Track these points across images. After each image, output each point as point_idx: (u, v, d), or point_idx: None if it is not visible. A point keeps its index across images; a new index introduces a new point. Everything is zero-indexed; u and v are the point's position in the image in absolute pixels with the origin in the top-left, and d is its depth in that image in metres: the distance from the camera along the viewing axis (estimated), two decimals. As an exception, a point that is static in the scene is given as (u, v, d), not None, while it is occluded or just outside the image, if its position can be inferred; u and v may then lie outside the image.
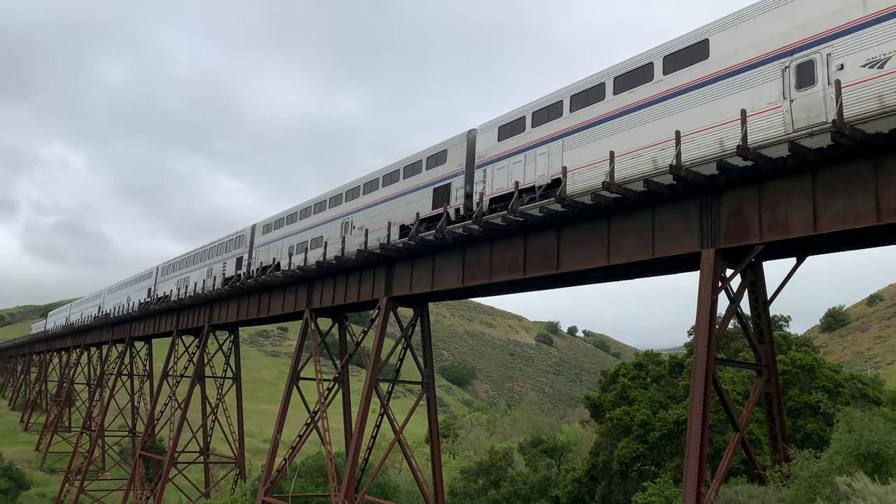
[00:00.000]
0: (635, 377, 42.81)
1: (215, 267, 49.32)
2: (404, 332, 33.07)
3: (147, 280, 64.83)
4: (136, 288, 67.41)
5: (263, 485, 36.51)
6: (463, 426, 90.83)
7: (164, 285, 59.27)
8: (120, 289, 74.20)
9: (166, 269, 59.84)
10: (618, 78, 21.27)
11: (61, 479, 71.87)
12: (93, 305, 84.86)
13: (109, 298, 76.87)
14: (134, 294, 67.35)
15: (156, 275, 62.47)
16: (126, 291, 70.60)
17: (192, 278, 52.70)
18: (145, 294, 63.75)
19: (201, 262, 52.31)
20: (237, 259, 47.02)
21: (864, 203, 16.40)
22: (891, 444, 17.72)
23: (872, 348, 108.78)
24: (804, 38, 16.66)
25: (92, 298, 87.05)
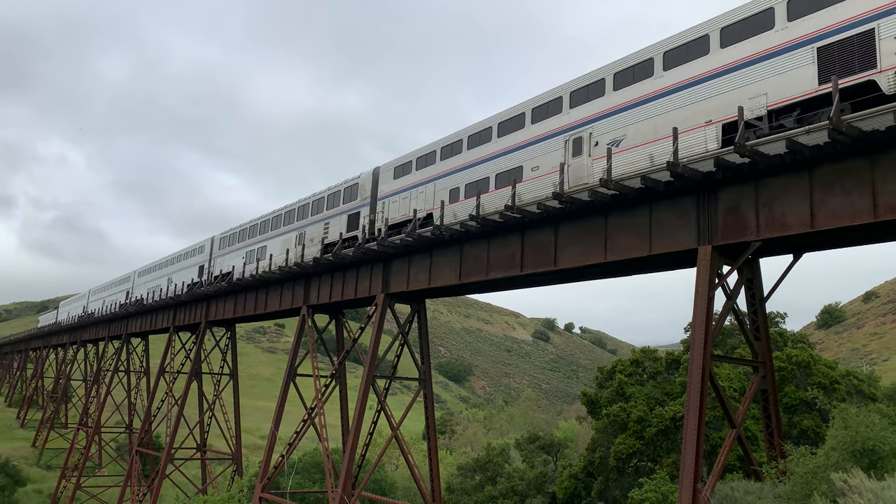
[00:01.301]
0: (632, 374, 42.89)
1: (312, 229, 37.68)
2: (401, 329, 33.07)
3: (198, 255, 53.05)
4: (182, 267, 55.85)
5: (261, 481, 36.52)
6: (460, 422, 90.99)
7: (225, 260, 47.88)
8: (156, 269, 62.44)
9: (228, 240, 48.42)
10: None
11: (58, 476, 71.79)
12: (118, 292, 73.24)
13: (141, 282, 65.68)
14: (179, 274, 55.47)
15: (211, 248, 51.11)
16: (166, 272, 58.99)
17: (273, 248, 41.20)
18: (195, 273, 52.38)
19: (288, 224, 40.52)
20: (350, 216, 34.69)
21: (861, 200, 16.44)
22: (886, 440, 17.77)
23: (868, 345, 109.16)
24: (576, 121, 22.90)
25: (117, 283, 75.33)
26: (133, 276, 67.33)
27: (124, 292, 68.82)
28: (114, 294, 73.73)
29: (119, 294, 70.93)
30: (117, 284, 73.76)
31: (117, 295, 71.49)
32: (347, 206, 35.07)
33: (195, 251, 52.66)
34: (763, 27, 18.11)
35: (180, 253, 55.81)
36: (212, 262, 49.20)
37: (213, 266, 48.63)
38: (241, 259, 44.10)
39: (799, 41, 17.22)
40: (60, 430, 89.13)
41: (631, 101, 21.03)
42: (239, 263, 44.43)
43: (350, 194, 35.20)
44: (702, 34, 19.55)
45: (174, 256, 56.63)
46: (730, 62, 18.74)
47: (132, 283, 66.90)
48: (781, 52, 17.60)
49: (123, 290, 69.38)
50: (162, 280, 58.63)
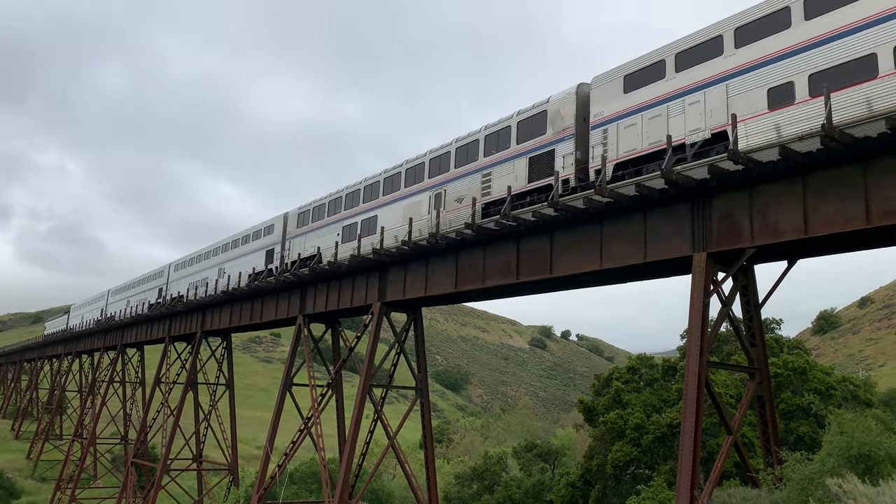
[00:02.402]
0: (629, 381, 42.90)
1: (459, 185, 27.62)
2: (398, 337, 33.05)
3: (266, 238, 42.92)
4: (240, 254, 45.61)
5: (257, 491, 36.36)
6: (457, 431, 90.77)
7: (306, 241, 38.04)
8: (201, 259, 52.33)
9: (311, 215, 38.25)
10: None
11: (53, 488, 71.34)
12: (147, 290, 62.91)
13: (179, 277, 55.89)
14: (235, 263, 45.71)
15: (284, 227, 40.88)
16: (215, 262, 49.21)
17: (389, 217, 31.22)
18: (261, 260, 42.34)
19: (415, 182, 30.35)
20: (533, 158, 24.48)
21: (854, 206, 16.54)
22: (881, 445, 17.82)
23: (864, 350, 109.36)
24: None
25: (146, 280, 64.56)
26: (167, 270, 59.37)
27: (156, 290, 60.54)
28: (141, 293, 64.01)
29: (149, 293, 61.92)
30: (146, 281, 64.40)
31: (147, 293, 62.27)
32: (527, 146, 24.41)
33: (260, 233, 43.81)
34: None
35: (237, 236, 47.03)
36: (286, 245, 40.31)
37: (288, 248, 39.90)
38: (335, 236, 35.19)
39: None
40: (55, 442, 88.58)
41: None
42: (328, 242, 35.22)
43: (532, 127, 24.54)
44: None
45: (228, 241, 48.36)
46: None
47: (166, 279, 58.90)
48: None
49: (154, 288, 60.97)
50: (209, 272, 49.11)
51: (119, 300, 72.33)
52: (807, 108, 16.65)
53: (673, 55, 20.30)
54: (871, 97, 15.52)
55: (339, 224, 35.26)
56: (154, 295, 60.26)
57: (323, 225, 36.97)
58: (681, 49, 20.14)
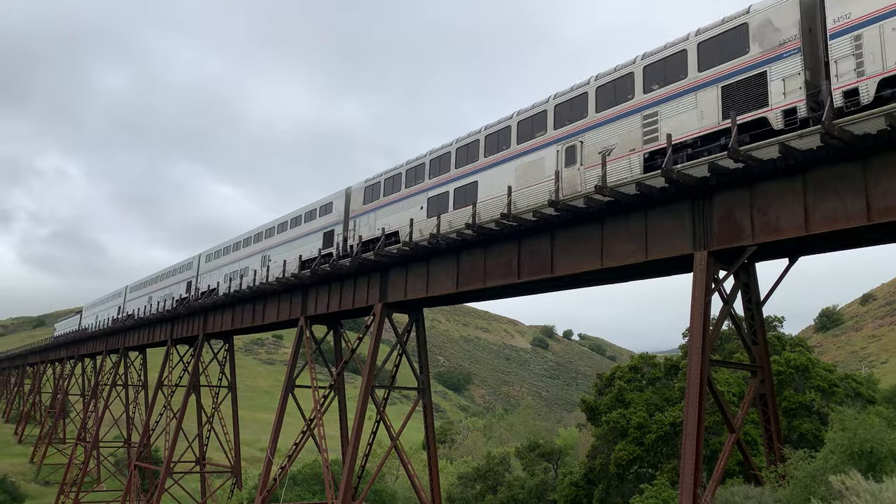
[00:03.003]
0: (631, 380, 42.91)
1: (607, 131, 21.70)
2: (399, 338, 33.07)
3: (321, 219, 36.69)
4: (289, 238, 39.37)
5: (260, 493, 36.39)
6: (459, 431, 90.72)
7: (377, 218, 32.14)
8: (238, 248, 46.13)
9: (380, 189, 32.36)
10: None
11: (56, 491, 71.44)
12: (173, 285, 56.94)
13: (212, 268, 49.94)
14: (283, 251, 39.49)
15: (345, 206, 34.76)
16: (256, 250, 43.54)
17: (493, 184, 25.45)
18: (317, 246, 36.31)
19: (563, 122, 23.36)
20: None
21: (855, 203, 16.54)
22: (884, 442, 17.83)
23: (866, 347, 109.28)
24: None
25: (171, 274, 58.26)
26: (197, 261, 53.70)
27: (183, 284, 54.86)
28: (166, 288, 58.41)
29: (175, 287, 56.35)
30: (171, 275, 58.51)
31: (173, 288, 56.75)
32: (718, 72, 19.02)
33: (315, 212, 37.57)
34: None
35: (285, 218, 40.78)
36: (350, 224, 34.29)
37: (353, 228, 33.81)
38: (417, 210, 28.92)
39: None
40: (58, 446, 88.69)
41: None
42: (404, 219, 29.41)
43: (724, 47, 19.07)
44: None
45: (274, 225, 41.97)
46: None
47: (195, 271, 53.27)
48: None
49: (182, 282, 55.28)
50: (250, 261, 43.74)
51: (139, 297, 65.99)
52: None
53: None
54: None
55: (422, 195, 28.91)
56: (182, 289, 54.35)
57: (399, 198, 30.89)
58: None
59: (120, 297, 72.33)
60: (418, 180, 29.69)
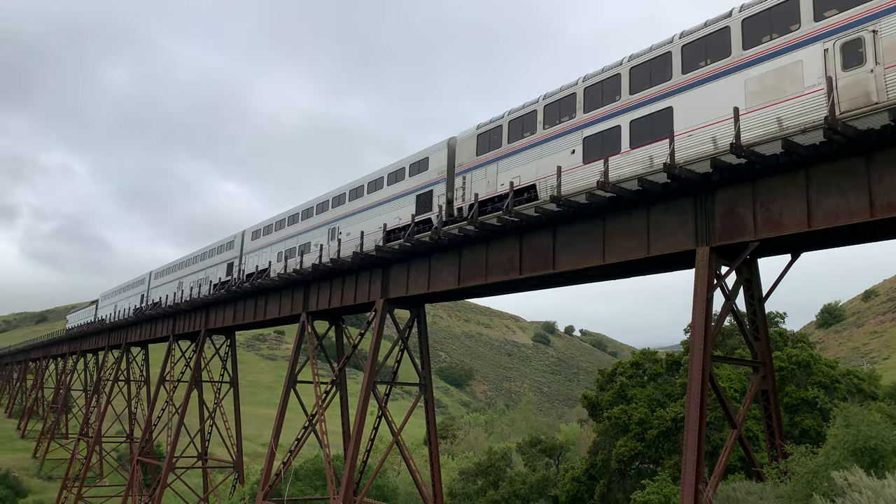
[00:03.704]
0: (633, 376, 42.90)
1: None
2: (401, 334, 33.07)
3: (413, 178, 30.88)
4: (367, 205, 33.80)
5: (262, 489, 36.46)
6: (461, 427, 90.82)
7: (490, 175, 26.50)
8: (296, 221, 40.17)
9: (503, 134, 26.28)
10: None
11: (59, 486, 71.69)
12: (210, 268, 50.49)
13: (258, 246, 43.69)
14: (358, 221, 34.10)
15: (448, 161, 29.10)
16: (320, 222, 37.33)
17: (704, 104, 19.42)
18: (407, 211, 30.38)
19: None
20: None
21: (857, 199, 16.49)
22: (887, 438, 17.78)
23: (868, 343, 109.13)
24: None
25: (210, 254, 51.47)
26: (240, 239, 46.66)
27: (223, 266, 48.39)
28: (200, 272, 51.83)
29: (211, 270, 49.97)
30: (208, 256, 51.62)
31: (209, 272, 50.18)
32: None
33: (404, 171, 31.50)
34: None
35: (361, 182, 34.80)
36: (458, 181, 27.93)
37: (463, 185, 27.47)
38: (566, 155, 22.87)
39: None
40: (61, 441, 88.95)
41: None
42: (564, 160, 22.92)
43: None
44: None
45: (344, 191, 35.97)
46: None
47: (239, 251, 46.29)
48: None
49: (222, 263, 48.70)
50: (313, 235, 37.40)
51: (166, 283, 58.65)
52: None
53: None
54: None
55: (574, 134, 22.12)
56: (221, 272, 47.91)
57: (536, 142, 24.07)
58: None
59: (143, 285, 65.62)
60: (565, 116, 23.39)
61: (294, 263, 37.79)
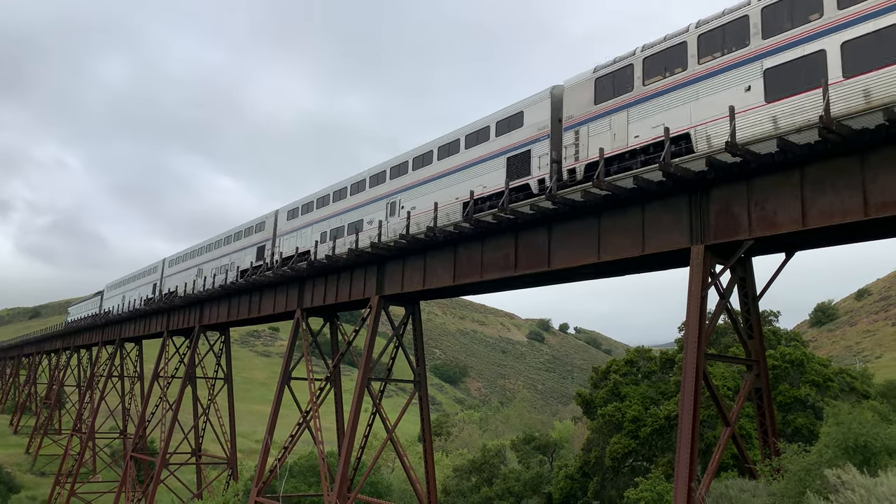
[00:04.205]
0: (627, 373, 42.97)
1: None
2: (396, 331, 33.06)
3: (499, 139, 26.29)
4: (437, 174, 29.19)
5: (256, 485, 36.44)
6: (455, 424, 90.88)
7: (617, 127, 21.77)
8: (343, 196, 35.53)
9: (631, 77, 21.57)
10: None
11: (52, 482, 71.43)
12: (235, 252, 45.80)
13: (295, 227, 39.36)
14: (424, 193, 29.44)
15: (551, 115, 24.26)
16: (376, 195, 32.91)
17: None
18: (494, 179, 25.91)
19: None
20: None
21: (852, 198, 16.54)
22: (879, 436, 17.87)
23: (861, 342, 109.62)
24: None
25: (236, 238, 46.48)
26: (273, 219, 41.73)
27: (253, 250, 43.54)
28: (225, 257, 46.96)
29: (238, 255, 45.05)
30: (233, 240, 46.54)
31: (235, 257, 45.35)
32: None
33: (488, 131, 26.85)
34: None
35: (429, 147, 30.00)
36: (567, 138, 23.15)
37: (577, 141, 22.74)
38: (747, 85, 18.30)
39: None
40: (54, 437, 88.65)
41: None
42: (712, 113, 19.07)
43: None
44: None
45: (407, 159, 31.31)
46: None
47: (272, 232, 41.70)
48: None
49: (250, 248, 43.80)
50: (368, 210, 33.02)
51: (183, 271, 53.67)
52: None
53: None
54: None
55: (751, 66, 17.89)
56: (250, 256, 43.32)
57: (688, 80, 19.52)
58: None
59: (156, 273, 59.86)
60: (732, 45, 18.87)
61: (348, 243, 32.88)
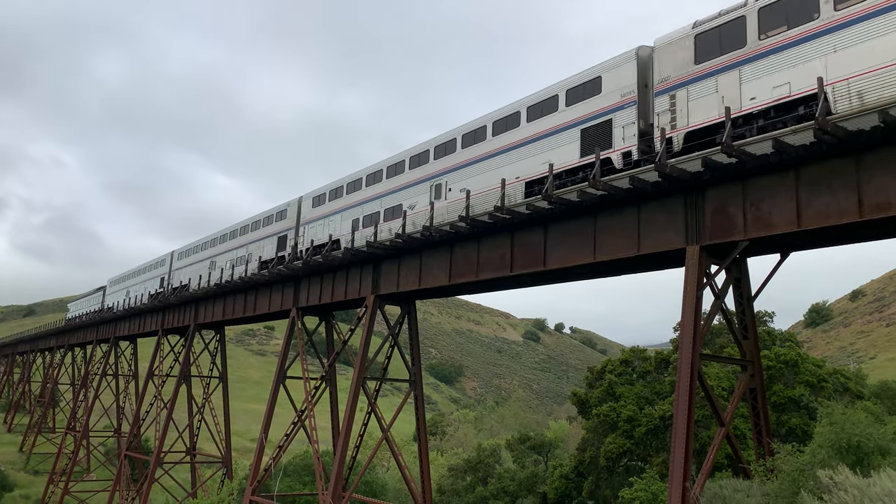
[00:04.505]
0: (622, 373, 43.05)
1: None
2: (391, 330, 33.04)
3: (581, 106, 22.57)
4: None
5: (251, 484, 36.38)
6: (451, 424, 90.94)
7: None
8: (388, 176, 31.43)
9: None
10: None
11: (46, 481, 71.17)
12: (257, 241, 41.33)
13: (327, 211, 35.31)
14: (480, 170, 26.09)
15: (639, 75, 21.06)
16: (431, 171, 28.92)
17: None
18: (568, 148, 22.66)
19: None
20: None
21: (847, 199, 16.58)
22: (871, 437, 17.95)
23: (855, 343, 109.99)
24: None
25: (260, 224, 41.79)
26: (295, 207, 37.61)
27: (273, 239, 39.30)
28: (240, 248, 42.72)
29: (255, 245, 40.80)
30: (250, 230, 41.97)
31: (253, 247, 41.14)
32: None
33: (558, 100, 23.61)
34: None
35: (481, 123, 26.91)
36: (664, 107, 19.96)
37: (673, 112, 19.71)
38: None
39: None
40: (48, 435, 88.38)
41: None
42: None
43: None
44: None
45: (455, 136, 27.96)
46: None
47: (295, 221, 37.54)
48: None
49: (270, 237, 39.38)
50: (410, 193, 29.70)
51: (194, 263, 49.77)
52: None
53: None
54: None
55: None
56: (269, 247, 39.05)
57: (821, 30, 16.40)
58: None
59: (163, 267, 56.15)
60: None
61: (385, 231, 30.02)
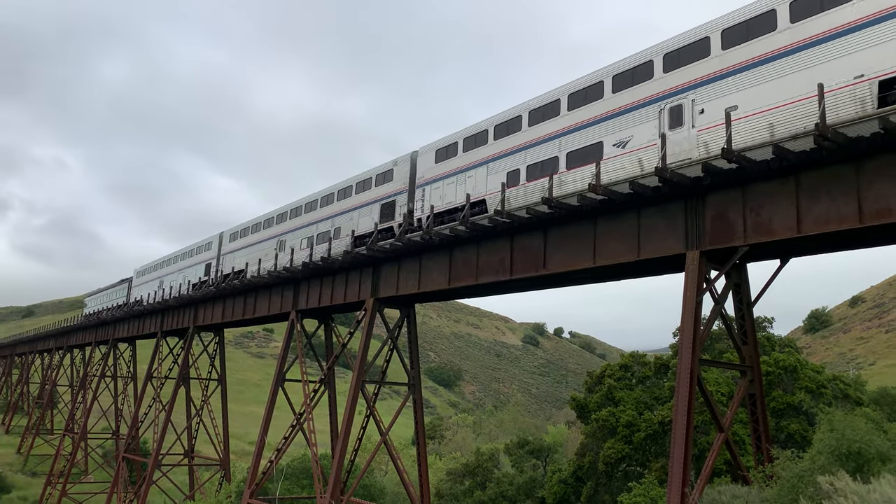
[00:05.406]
0: (621, 378, 43.03)
1: None
2: (391, 334, 33.02)
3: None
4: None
5: (249, 487, 36.31)
6: (449, 427, 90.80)
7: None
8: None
9: None
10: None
11: (43, 483, 71.02)
12: (344, 212, 34.38)
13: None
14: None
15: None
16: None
17: None
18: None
19: None
20: None
21: (847, 205, 16.59)
22: (871, 443, 17.92)
23: (854, 349, 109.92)
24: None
25: (361, 186, 33.73)
26: (404, 166, 31.23)
27: (374, 208, 32.41)
28: (322, 222, 35.93)
29: (351, 215, 33.87)
30: (338, 198, 35.35)
31: (344, 218, 34.32)
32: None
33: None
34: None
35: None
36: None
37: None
38: None
39: None
40: (46, 437, 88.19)
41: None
42: None
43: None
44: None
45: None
46: None
47: (408, 182, 30.75)
48: None
49: (372, 205, 32.57)
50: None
51: (254, 244, 41.47)
52: None
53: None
54: None
55: None
56: (368, 218, 32.24)
57: None
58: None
59: (210, 251, 48.11)
60: None
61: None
